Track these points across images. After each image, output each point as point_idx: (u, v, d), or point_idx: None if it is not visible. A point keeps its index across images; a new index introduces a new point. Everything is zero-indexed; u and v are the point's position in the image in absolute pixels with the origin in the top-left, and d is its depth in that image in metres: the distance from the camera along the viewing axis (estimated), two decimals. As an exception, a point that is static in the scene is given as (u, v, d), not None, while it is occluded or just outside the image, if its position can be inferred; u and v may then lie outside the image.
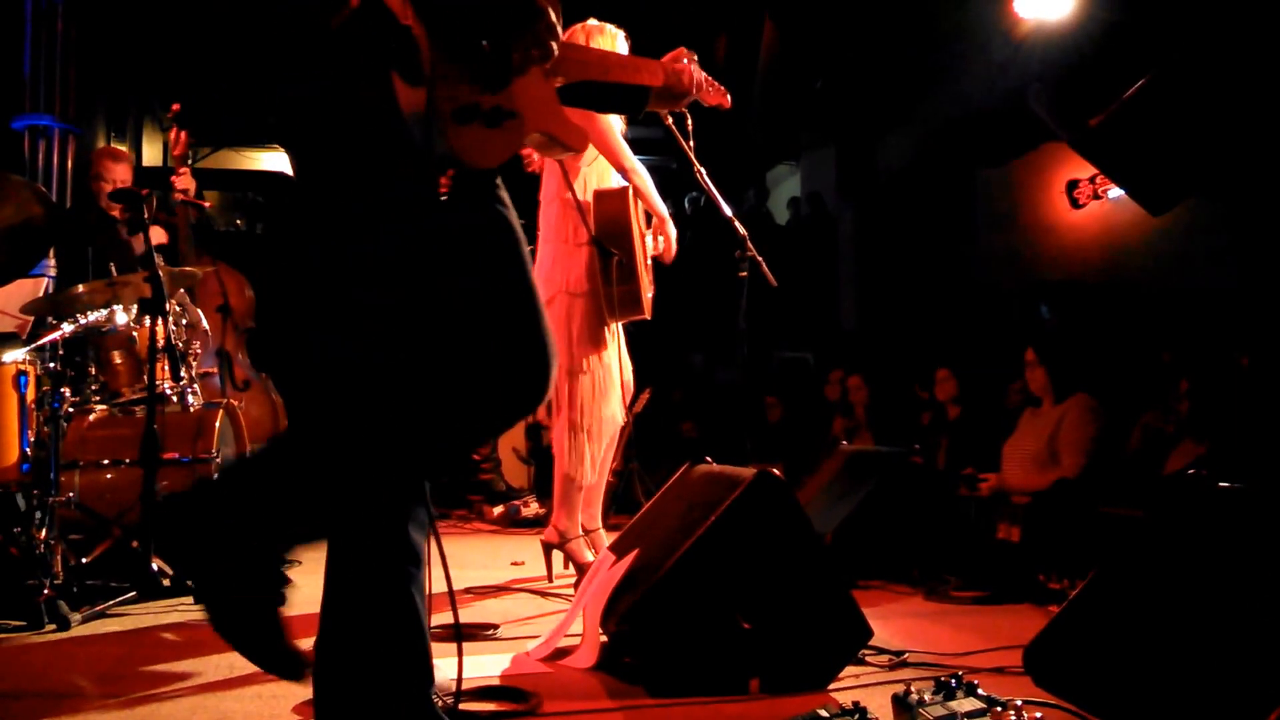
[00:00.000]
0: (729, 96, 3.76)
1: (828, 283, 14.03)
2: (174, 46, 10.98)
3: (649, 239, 5.06)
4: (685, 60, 3.29)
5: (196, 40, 10.52)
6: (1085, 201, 10.36)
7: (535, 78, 2.38)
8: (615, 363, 4.98)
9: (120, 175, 6.00)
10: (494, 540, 7.60)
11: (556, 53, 2.39)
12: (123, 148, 10.92)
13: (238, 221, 13.14)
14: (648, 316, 4.98)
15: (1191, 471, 2.97)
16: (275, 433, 7.36)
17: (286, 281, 2.40)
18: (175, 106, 6.00)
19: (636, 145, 5.48)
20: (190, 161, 6.05)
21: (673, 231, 5.09)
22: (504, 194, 2.38)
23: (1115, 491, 5.26)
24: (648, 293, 5.00)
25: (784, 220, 15.58)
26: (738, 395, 6.05)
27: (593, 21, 4.98)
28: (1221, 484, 2.73)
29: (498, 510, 8.59)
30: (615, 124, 4.92)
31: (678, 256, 5.19)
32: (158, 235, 5.98)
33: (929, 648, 3.83)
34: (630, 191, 4.90)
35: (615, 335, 5.04)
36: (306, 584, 5.07)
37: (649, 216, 5.07)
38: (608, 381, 4.92)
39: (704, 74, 3.39)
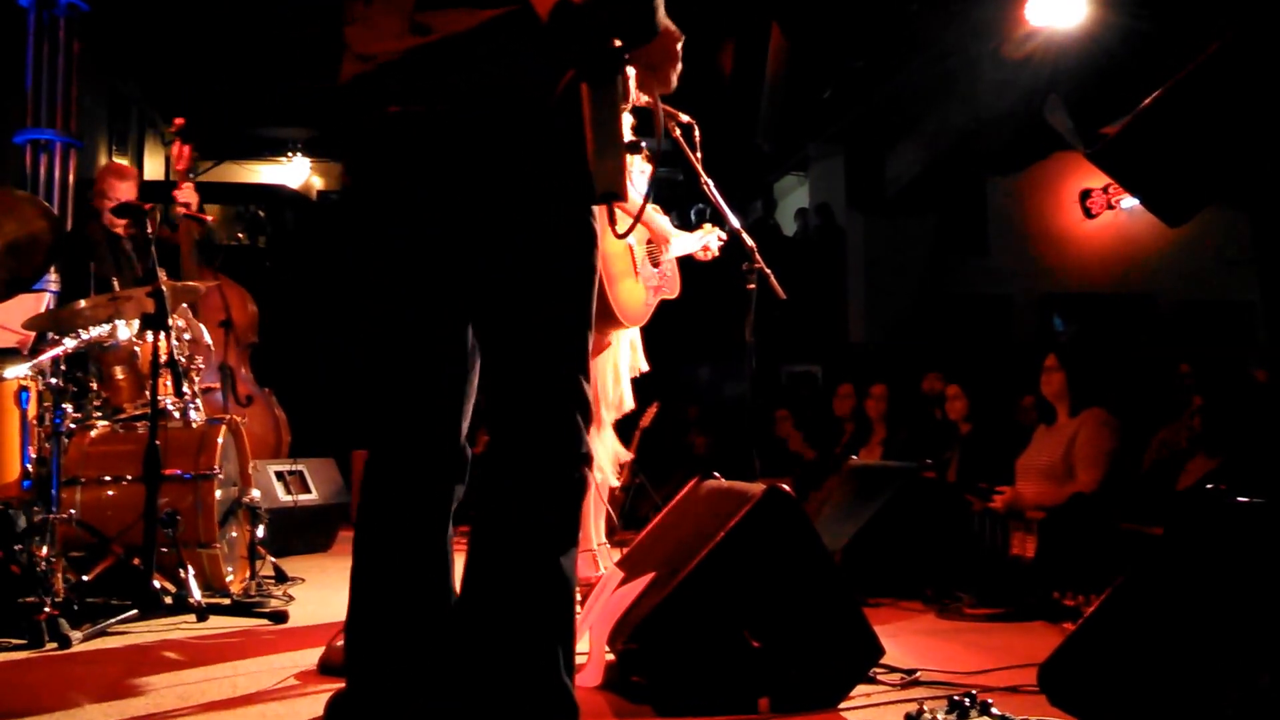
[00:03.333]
0: None
1: (836, 295, 13.97)
2: (186, 57, 11.03)
3: (638, 247, 5.00)
4: None
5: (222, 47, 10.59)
6: (1099, 211, 10.30)
7: None
8: (608, 374, 4.95)
9: (125, 193, 5.95)
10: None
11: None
12: (124, 162, 10.95)
13: (239, 235, 13.13)
14: (626, 325, 4.91)
15: (1210, 486, 2.91)
16: (277, 448, 7.33)
17: None
18: (179, 121, 5.97)
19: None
20: (193, 175, 6.01)
21: (666, 226, 5.01)
22: None
23: (1132, 506, 5.20)
24: (645, 298, 4.94)
25: (792, 232, 15.51)
26: (746, 410, 5.99)
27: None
28: (1240, 499, 2.69)
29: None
30: None
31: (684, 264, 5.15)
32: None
33: (942, 666, 3.78)
34: None
35: (614, 345, 5.00)
36: (310, 599, 5.08)
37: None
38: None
39: None
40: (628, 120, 2.38)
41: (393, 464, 2.47)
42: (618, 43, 2.22)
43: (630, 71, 2.37)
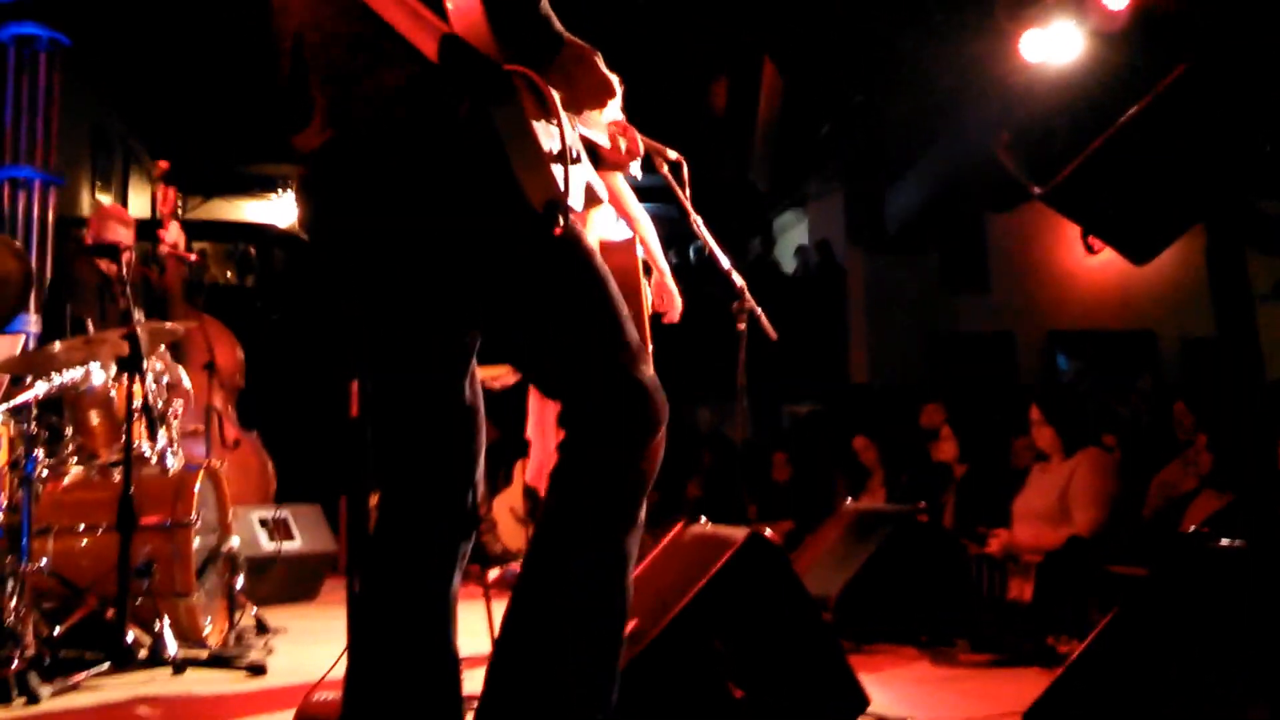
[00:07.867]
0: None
1: (837, 334, 13.89)
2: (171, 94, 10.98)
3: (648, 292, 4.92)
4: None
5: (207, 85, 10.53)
6: (1101, 248, 10.20)
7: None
8: None
9: (124, 239, 5.81)
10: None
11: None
12: (108, 199, 10.88)
13: (228, 274, 13.03)
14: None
15: (1194, 529, 2.90)
16: (264, 493, 7.19)
17: None
18: (164, 164, 5.89)
19: (637, 192, 5.36)
20: (179, 215, 5.94)
21: (673, 286, 4.96)
22: None
23: (1130, 549, 5.09)
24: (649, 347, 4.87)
25: (791, 269, 15.42)
26: (738, 452, 5.89)
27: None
28: (1222, 542, 2.64)
29: (493, 574, 8.32)
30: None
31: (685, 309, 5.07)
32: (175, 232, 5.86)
33: (932, 714, 3.71)
34: (635, 242, 4.75)
35: None
36: (291, 652, 4.96)
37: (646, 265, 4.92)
38: None
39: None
40: (554, 131, 2.30)
41: (405, 524, 2.49)
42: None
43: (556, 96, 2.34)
